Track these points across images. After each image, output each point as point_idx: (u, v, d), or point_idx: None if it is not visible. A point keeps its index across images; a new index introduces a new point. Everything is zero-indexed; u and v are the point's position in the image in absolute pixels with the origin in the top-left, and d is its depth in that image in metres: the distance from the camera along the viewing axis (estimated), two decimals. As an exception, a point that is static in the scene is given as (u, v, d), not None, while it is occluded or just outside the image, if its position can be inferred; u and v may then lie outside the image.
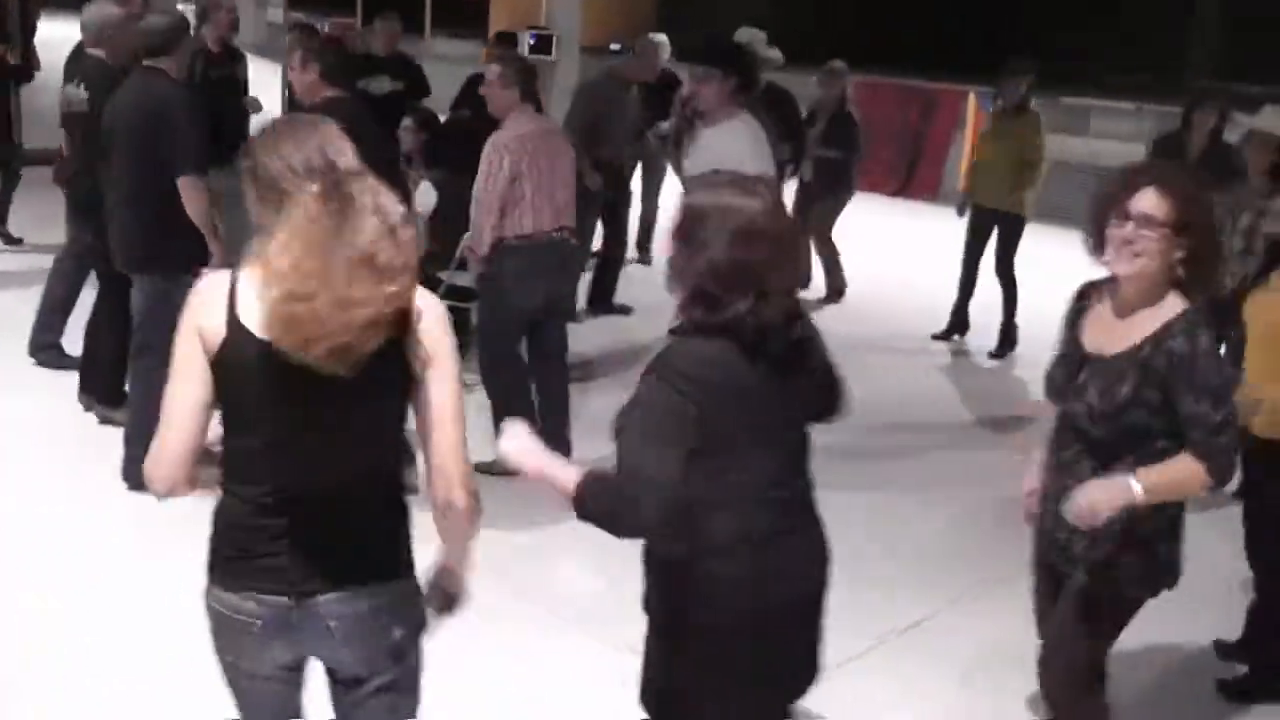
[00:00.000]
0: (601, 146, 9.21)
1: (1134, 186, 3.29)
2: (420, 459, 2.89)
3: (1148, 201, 3.26)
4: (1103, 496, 3.31)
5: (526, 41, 18.47)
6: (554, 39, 17.40)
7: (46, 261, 7.82)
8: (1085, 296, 3.55)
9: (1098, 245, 3.39)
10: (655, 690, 3.24)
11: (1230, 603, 5.20)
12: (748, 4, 18.52)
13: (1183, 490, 3.43)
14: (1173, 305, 3.32)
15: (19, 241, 10.48)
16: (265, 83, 11.05)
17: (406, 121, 9.19)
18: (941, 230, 10.81)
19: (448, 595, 3.02)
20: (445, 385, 2.79)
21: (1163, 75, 15.54)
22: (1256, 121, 6.56)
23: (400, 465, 2.95)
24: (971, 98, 14.98)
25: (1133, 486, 3.31)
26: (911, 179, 16.14)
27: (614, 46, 19.43)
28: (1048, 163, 9.38)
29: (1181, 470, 3.35)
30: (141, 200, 5.99)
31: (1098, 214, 3.38)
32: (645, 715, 3.30)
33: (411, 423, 2.88)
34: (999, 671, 4.89)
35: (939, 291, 9.91)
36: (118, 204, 6.10)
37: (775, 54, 8.89)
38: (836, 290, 10.66)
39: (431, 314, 2.78)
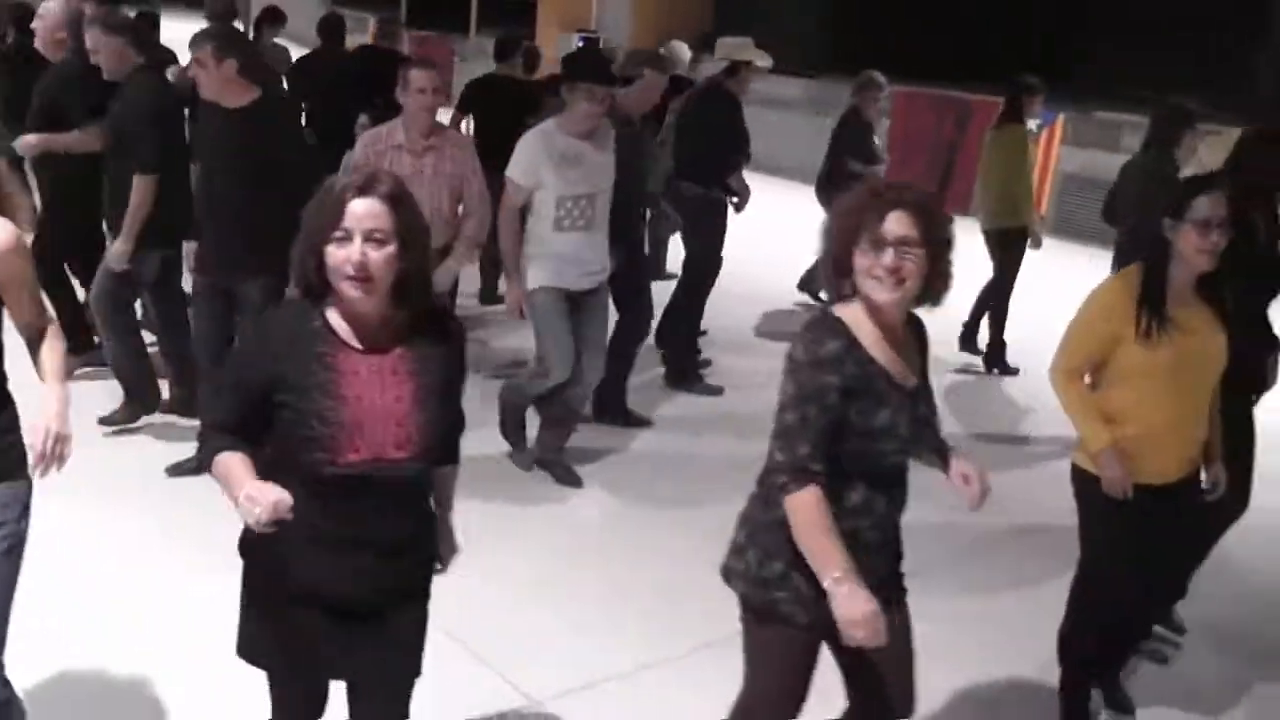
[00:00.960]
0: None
1: (882, 212, 3.10)
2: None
3: (899, 224, 3.10)
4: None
5: (575, 45, 18.65)
6: (600, 43, 17.46)
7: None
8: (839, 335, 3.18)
9: (842, 276, 3.20)
10: None
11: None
12: (805, 3, 18.55)
13: None
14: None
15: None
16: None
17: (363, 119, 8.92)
18: (971, 244, 10.38)
19: None
20: None
21: (1232, 93, 15.27)
22: None
23: None
24: (1005, 110, 14.82)
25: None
26: (945, 191, 15.99)
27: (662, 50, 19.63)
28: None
29: None
30: None
31: (841, 247, 3.18)
32: None
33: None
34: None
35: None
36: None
37: (764, 60, 8.66)
38: None
39: None
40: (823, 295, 10.15)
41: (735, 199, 8.20)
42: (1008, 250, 9.04)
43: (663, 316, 7.95)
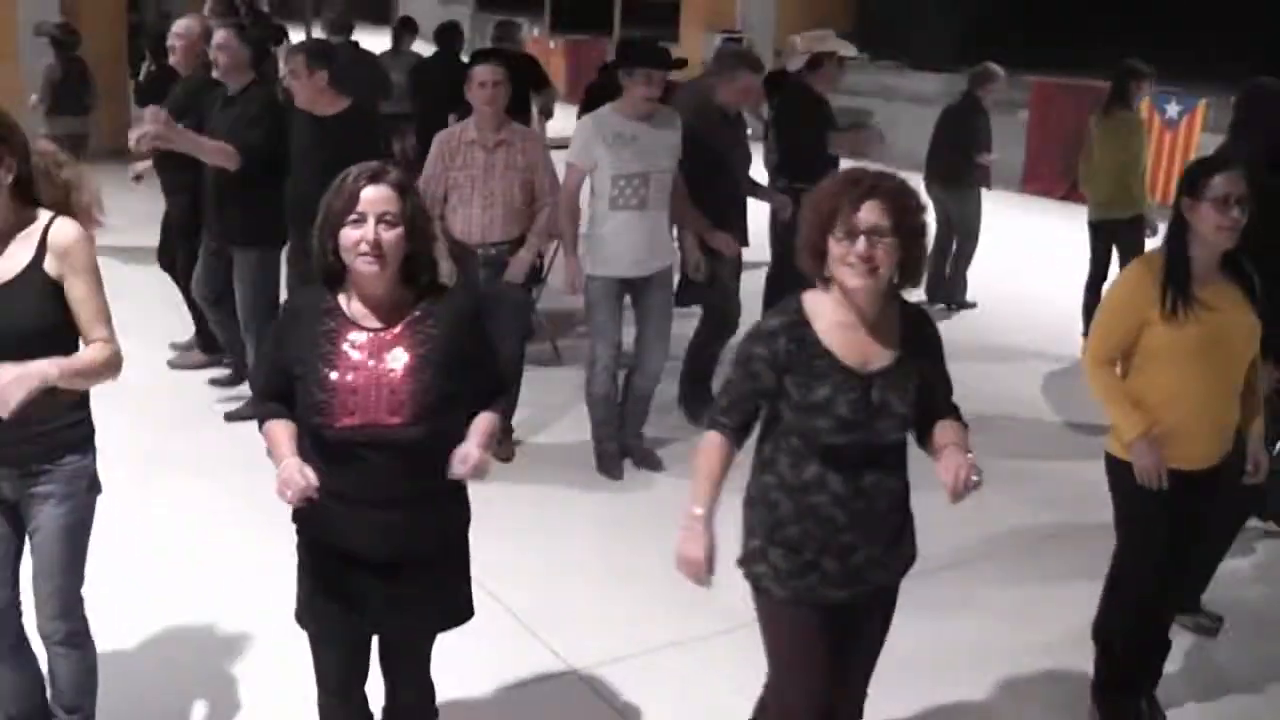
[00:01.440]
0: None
1: (857, 201, 3.23)
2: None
3: (872, 213, 3.22)
4: None
5: (718, 45, 18.83)
6: (744, 42, 17.61)
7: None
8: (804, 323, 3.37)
9: (817, 260, 3.33)
10: None
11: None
12: (944, 10, 18.51)
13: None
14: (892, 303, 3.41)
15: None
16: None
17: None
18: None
19: None
20: None
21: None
22: None
23: None
24: (1146, 99, 14.59)
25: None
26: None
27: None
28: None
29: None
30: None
31: (816, 233, 3.31)
32: None
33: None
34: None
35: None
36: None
37: (848, 50, 8.60)
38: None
39: None
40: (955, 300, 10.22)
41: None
42: (1120, 243, 8.86)
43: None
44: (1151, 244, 8.55)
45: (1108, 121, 8.90)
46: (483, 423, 3.40)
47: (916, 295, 7.70)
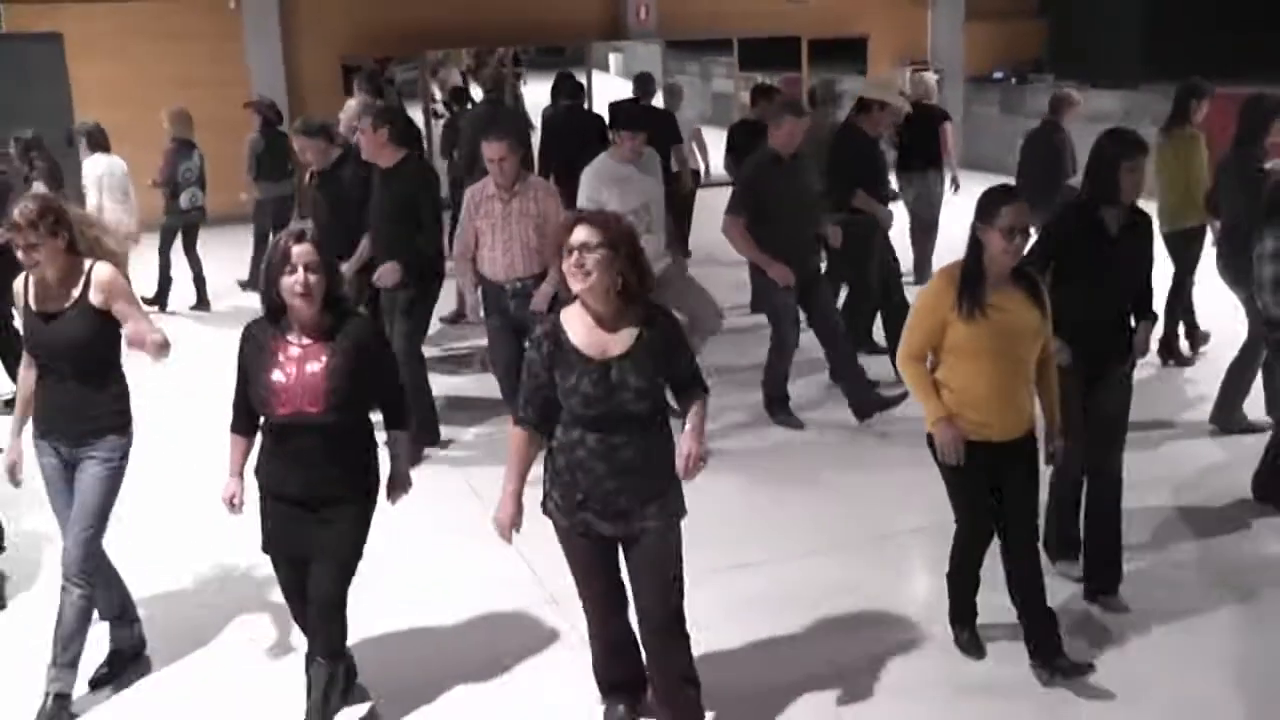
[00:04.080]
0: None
1: (570, 226, 4.33)
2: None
3: (581, 234, 4.28)
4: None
5: (904, 78, 19.56)
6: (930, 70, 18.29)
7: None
8: (559, 330, 4.45)
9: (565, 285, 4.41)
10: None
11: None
12: (1129, 26, 18.78)
13: None
14: (638, 307, 4.44)
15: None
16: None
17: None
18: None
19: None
20: None
21: None
22: None
23: None
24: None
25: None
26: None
27: (996, 75, 20.29)
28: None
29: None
30: None
31: (553, 256, 4.46)
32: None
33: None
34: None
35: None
36: None
37: (897, 100, 9.61)
38: None
39: None
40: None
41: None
42: (1189, 250, 9.38)
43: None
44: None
45: (1170, 139, 9.32)
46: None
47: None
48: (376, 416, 4.84)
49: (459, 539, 6.61)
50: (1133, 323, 5.85)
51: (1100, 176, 5.66)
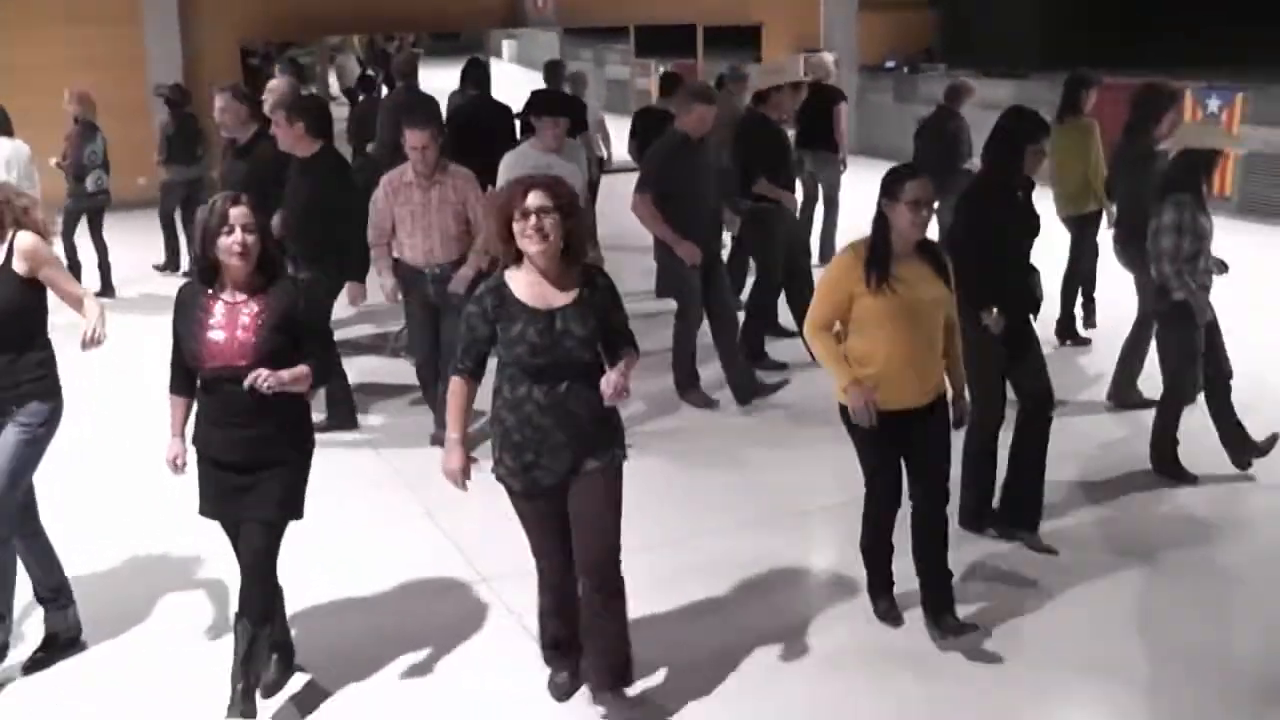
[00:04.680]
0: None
1: (524, 192, 4.56)
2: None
3: (536, 199, 4.52)
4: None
5: (801, 65, 19.90)
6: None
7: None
8: (503, 286, 4.69)
9: (506, 243, 4.64)
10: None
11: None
12: (1021, 17, 19.27)
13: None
14: (578, 268, 4.71)
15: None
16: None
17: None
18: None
19: None
20: None
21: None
22: None
23: None
24: (1189, 95, 15.22)
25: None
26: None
27: (889, 64, 20.69)
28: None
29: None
30: None
31: (501, 223, 4.64)
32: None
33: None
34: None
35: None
36: None
37: (784, 77, 9.94)
38: None
39: None
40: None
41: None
42: (1086, 234, 9.79)
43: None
44: (1222, 237, 9.61)
45: (1065, 128, 9.64)
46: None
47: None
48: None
49: (384, 521, 6.75)
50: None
51: (1005, 156, 6.04)
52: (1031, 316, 6.27)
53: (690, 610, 5.85)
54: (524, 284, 4.67)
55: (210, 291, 4.76)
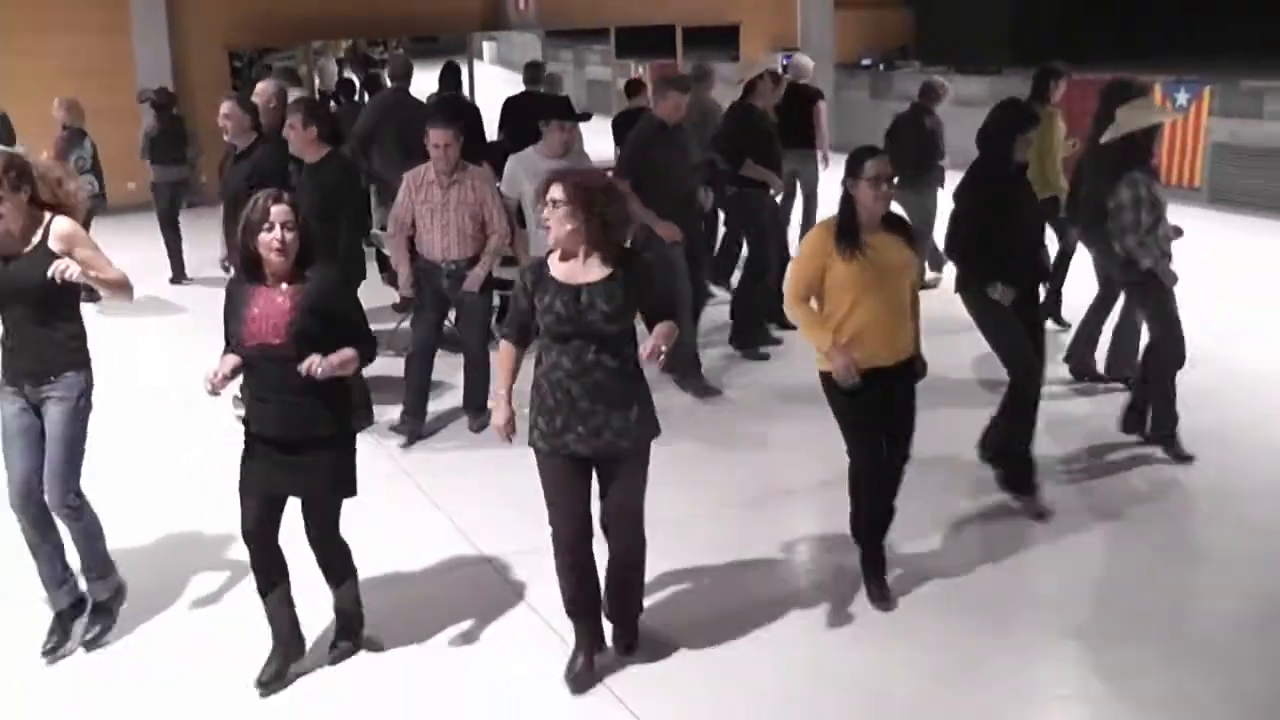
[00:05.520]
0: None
1: (547, 185, 5.05)
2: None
3: (555, 191, 5.01)
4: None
5: (780, 62, 20.19)
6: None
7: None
8: (543, 265, 5.14)
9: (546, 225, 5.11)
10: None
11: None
12: (992, 15, 19.64)
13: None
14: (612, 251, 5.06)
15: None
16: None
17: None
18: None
19: None
20: None
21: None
22: None
23: None
24: (1158, 88, 15.58)
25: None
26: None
27: (865, 62, 21.04)
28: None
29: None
30: None
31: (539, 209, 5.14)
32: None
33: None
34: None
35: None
36: None
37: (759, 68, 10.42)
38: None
39: None
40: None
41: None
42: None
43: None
44: (1193, 225, 9.86)
45: None
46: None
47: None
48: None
49: (389, 509, 6.98)
50: None
51: (998, 142, 6.64)
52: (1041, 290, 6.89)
53: (694, 580, 6.17)
54: (560, 263, 5.12)
55: (253, 283, 5.05)
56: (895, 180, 5.68)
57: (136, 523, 6.76)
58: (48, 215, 5.40)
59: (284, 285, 5.03)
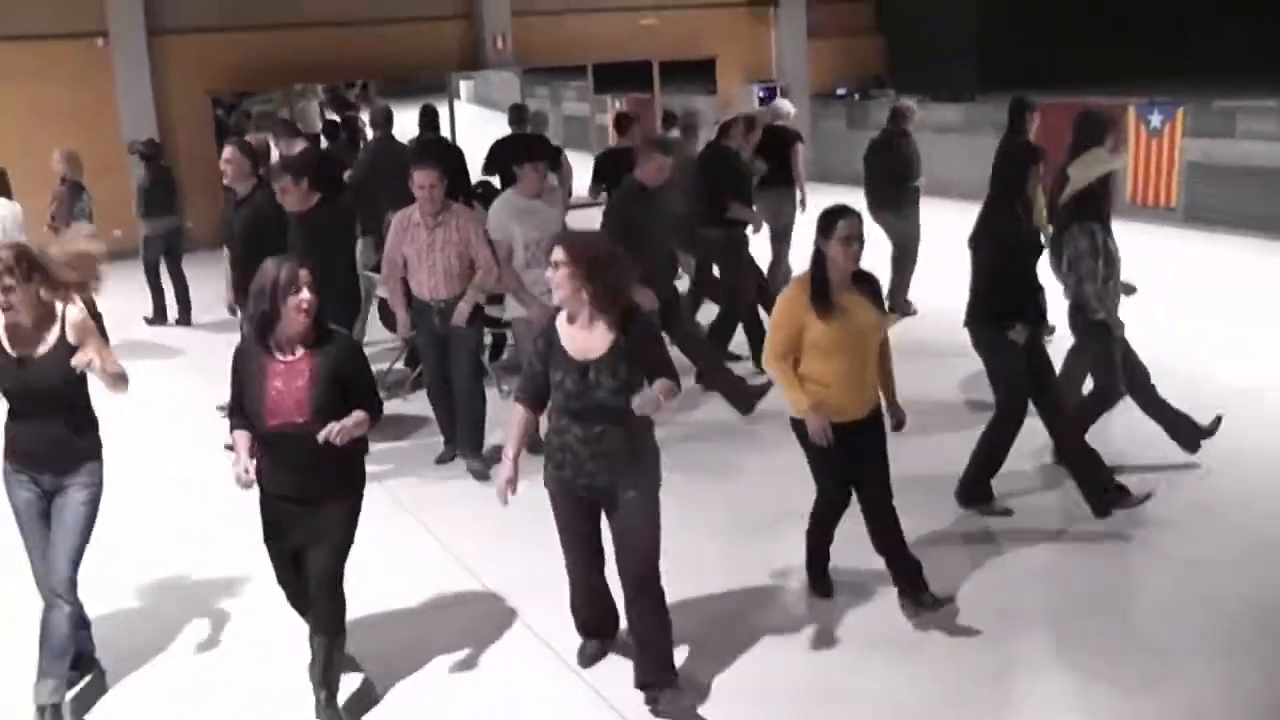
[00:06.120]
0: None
1: (548, 250, 5.25)
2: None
3: (556, 253, 5.15)
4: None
5: (756, 94, 20.51)
6: (778, 92, 19.15)
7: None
8: (553, 329, 5.28)
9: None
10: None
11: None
12: (963, 42, 19.83)
13: None
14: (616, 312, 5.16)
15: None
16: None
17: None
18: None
19: None
20: None
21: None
22: None
23: None
24: (1131, 111, 15.81)
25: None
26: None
27: (840, 91, 21.25)
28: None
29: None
30: None
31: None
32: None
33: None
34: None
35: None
36: None
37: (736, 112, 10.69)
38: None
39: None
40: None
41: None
42: None
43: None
44: (1170, 245, 10.22)
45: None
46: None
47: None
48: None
49: (387, 541, 7.03)
50: None
51: (1011, 181, 7.16)
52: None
53: (695, 602, 6.23)
54: (566, 328, 5.27)
55: (265, 351, 5.11)
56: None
57: (133, 569, 6.86)
58: (59, 306, 5.36)
59: (299, 350, 5.09)
